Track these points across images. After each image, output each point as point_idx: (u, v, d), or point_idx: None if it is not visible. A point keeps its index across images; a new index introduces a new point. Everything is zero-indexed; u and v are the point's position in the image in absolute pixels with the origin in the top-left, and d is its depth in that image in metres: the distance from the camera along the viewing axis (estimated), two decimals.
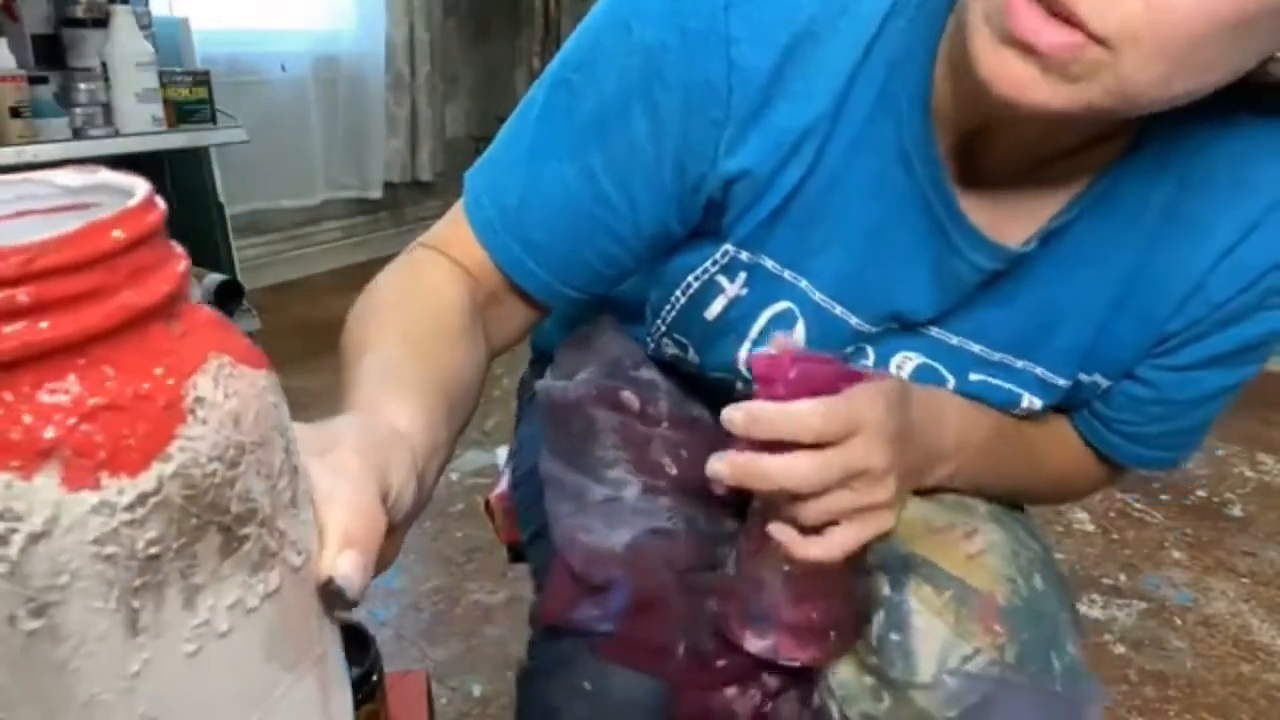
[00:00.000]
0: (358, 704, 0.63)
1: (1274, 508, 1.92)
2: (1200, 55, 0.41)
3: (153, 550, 0.23)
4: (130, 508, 0.22)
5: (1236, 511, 1.91)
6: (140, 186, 0.25)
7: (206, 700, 0.25)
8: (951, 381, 0.62)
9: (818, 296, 0.60)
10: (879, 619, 0.56)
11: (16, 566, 0.21)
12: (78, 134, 1.88)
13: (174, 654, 0.24)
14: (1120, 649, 1.50)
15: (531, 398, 0.84)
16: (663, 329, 0.66)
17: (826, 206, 0.57)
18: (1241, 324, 0.57)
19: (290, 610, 0.27)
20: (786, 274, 0.59)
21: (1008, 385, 0.62)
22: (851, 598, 0.57)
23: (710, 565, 0.61)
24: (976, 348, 0.61)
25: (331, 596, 0.29)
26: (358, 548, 0.30)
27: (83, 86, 1.89)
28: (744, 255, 0.59)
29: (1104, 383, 0.62)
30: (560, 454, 0.65)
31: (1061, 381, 0.61)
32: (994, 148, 0.54)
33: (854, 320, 0.60)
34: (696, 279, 0.61)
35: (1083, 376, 0.62)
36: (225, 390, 0.25)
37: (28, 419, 0.21)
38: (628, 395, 0.67)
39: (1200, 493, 1.97)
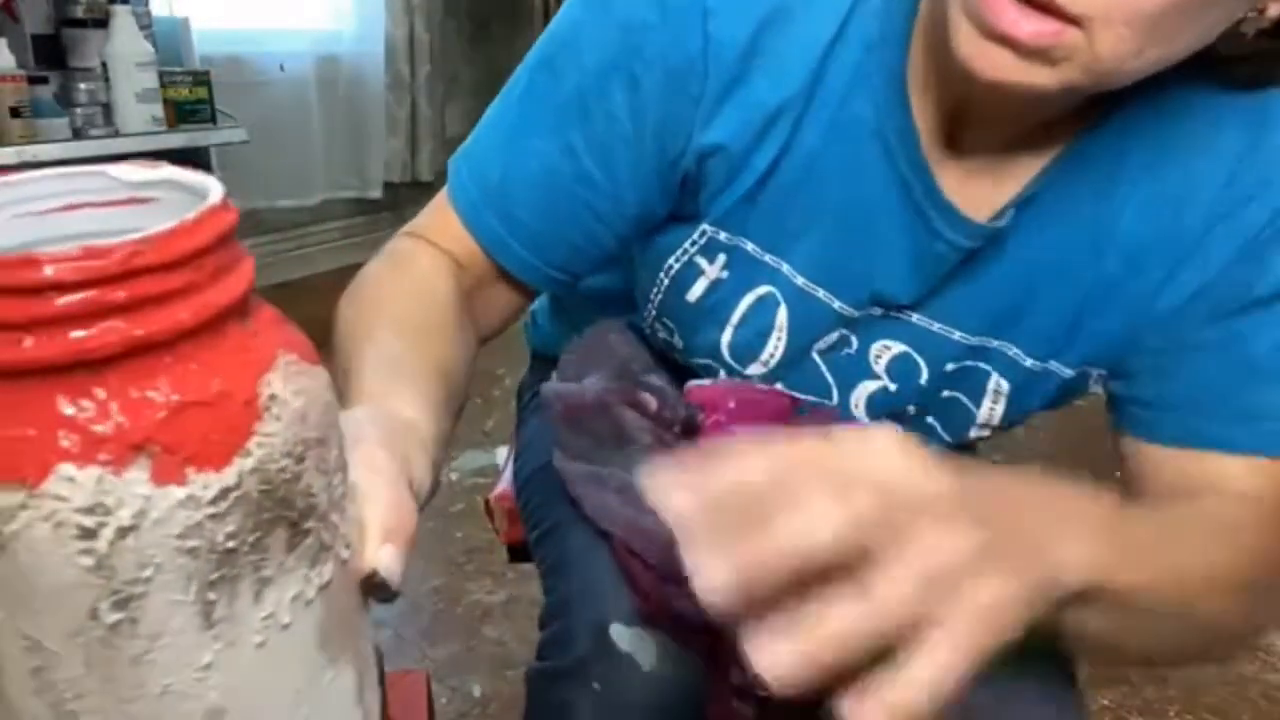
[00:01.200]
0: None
1: None
2: (1168, 23, 0.43)
3: (230, 544, 0.23)
4: (214, 501, 0.23)
5: None
6: (213, 184, 0.25)
7: (268, 691, 0.26)
8: (925, 374, 0.62)
9: (799, 281, 0.60)
10: None
11: (104, 559, 0.22)
12: (78, 134, 1.88)
13: (244, 645, 0.25)
14: None
15: (533, 400, 0.84)
16: (653, 313, 0.66)
17: (804, 189, 0.57)
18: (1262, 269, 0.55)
19: (337, 602, 0.28)
20: (767, 258, 0.60)
21: (982, 366, 0.62)
22: None
23: None
24: (956, 334, 0.61)
25: (374, 588, 0.30)
26: (396, 541, 0.31)
27: (83, 86, 1.89)
28: (722, 236, 0.60)
29: (1066, 370, 0.61)
30: (583, 455, 0.65)
31: (1029, 363, 0.61)
32: (971, 126, 0.55)
33: (836, 304, 0.60)
34: (677, 260, 0.62)
35: (1053, 365, 0.60)
36: (294, 387, 0.25)
37: (120, 416, 0.22)
38: (645, 397, 0.67)
39: None
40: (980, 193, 0.57)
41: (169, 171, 0.27)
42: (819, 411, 0.63)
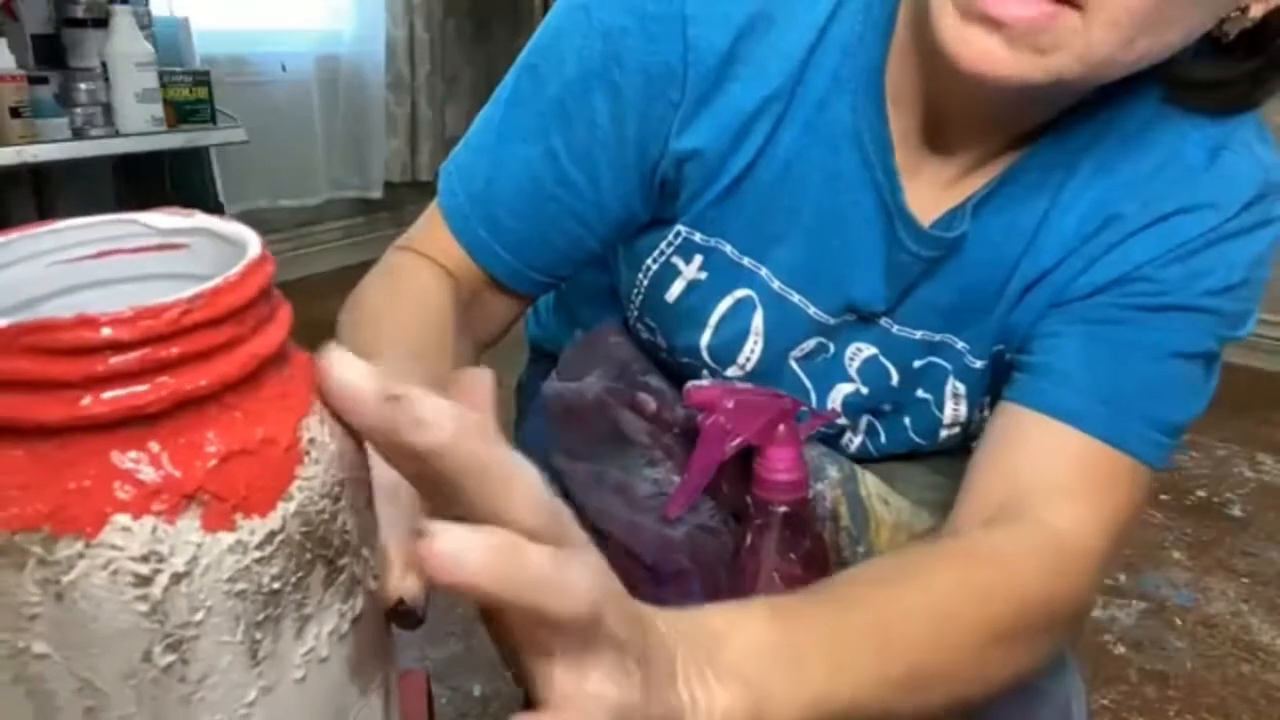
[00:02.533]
0: None
1: (1274, 508, 1.92)
2: (1161, 12, 0.43)
3: (275, 585, 0.24)
4: (260, 545, 0.24)
5: (1236, 511, 1.90)
6: (249, 235, 0.26)
7: (309, 715, 0.27)
8: (895, 376, 0.63)
9: (776, 285, 0.60)
10: None
11: (158, 605, 0.23)
12: (78, 134, 1.88)
13: (285, 681, 0.26)
14: (1120, 649, 1.50)
15: (532, 397, 0.84)
16: (634, 313, 0.67)
17: (781, 191, 0.57)
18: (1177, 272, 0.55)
19: (367, 633, 0.29)
20: (746, 261, 0.60)
21: (942, 364, 0.63)
22: None
23: None
24: (918, 334, 0.62)
25: (400, 616, 0.30)
26: (418, 569, 0.31)
27: (83, 86, 1.89)
28: (697, 237, 0.60)
29: (1011, 353, 0.61)
30: (581, 455, 0.65)
31: (979, 364, 0.62)
32: (947, 133, 0.55)
33: (811, 309, 0.61)
34: (655, 261, 0.62)
35: (997, 351, 0.62)
36: (330, 429, 0.26)
37: (172, 467, 0.23)
38: (644, 398, 0.67)
39: (1200, 493, 1.96)
40: (942, 199, 0.57)
41: (201, 220, 0.27)
42: (819, 415, 0.63)
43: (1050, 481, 0.52)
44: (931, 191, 0.57)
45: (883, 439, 0.68)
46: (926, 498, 0.64)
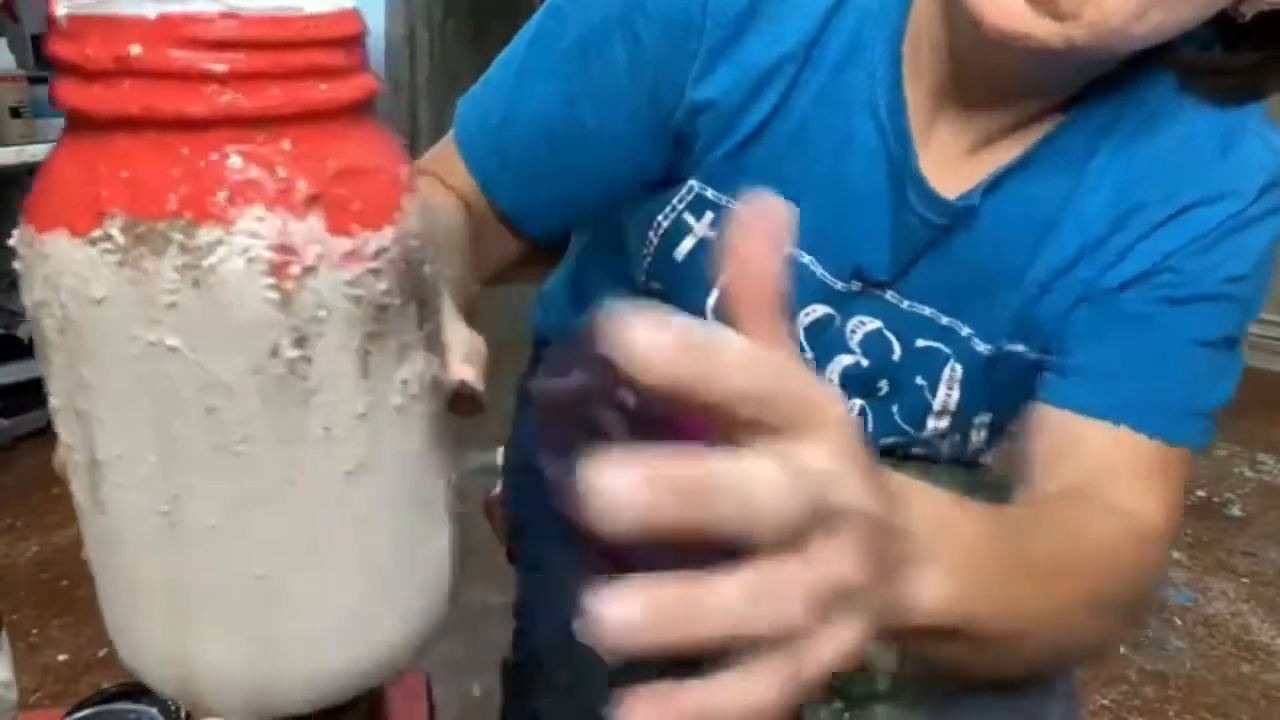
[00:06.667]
0: (357, 705, 0.63)
1: (1274, 508, 1.92)
2: None
3: (384, 300, 0.27)
4: (374, 256, 0.26)
5: (1236, 511, 1.91)
6: (335, 3, 0.28)
7: (400, 455, 0.29)
8: (898, 350, 0.63)
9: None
10: None
11: (290, 296, 0.24)
12: None
13: (387, 404, 0.28)
14: (1120, 649, 1.50)
15: (527, 395, 0.84)
16: (644, 277, 0.67)
17: (794, 154, 0.58)
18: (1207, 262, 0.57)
19: (439, 404, 0.31)
20: None
21: (946, 349, 0.63)
22: None
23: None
24: (926, 310, 0.62)
25: (461, 402, 0.33)
26: (474, 361, 0.34)
27: None
28: (709, 193, 0.61)
29: (1029, 353, 0.61)
30: (561, 450, 0.66)
31: (983, 348, 0.62)
32: (963, 100, 0.56)
33: (819, 271, 0.61)
34: (665, 217, 0.63)
35: (1006, 348, 0.62)
36: (415, 180, 0.29)
37: (299, 169, 0.25)
38: (625, 394, 0.67)
39: (1200, 493, 1.97)
40: (958, 172, 0.58)
41: None
42: None
43: (1110, 479, 0.55)
44: (946, 161, 0.58)
45: (869, 426, 0.68)
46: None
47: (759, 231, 0.26)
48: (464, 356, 0.33)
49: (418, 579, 0.32)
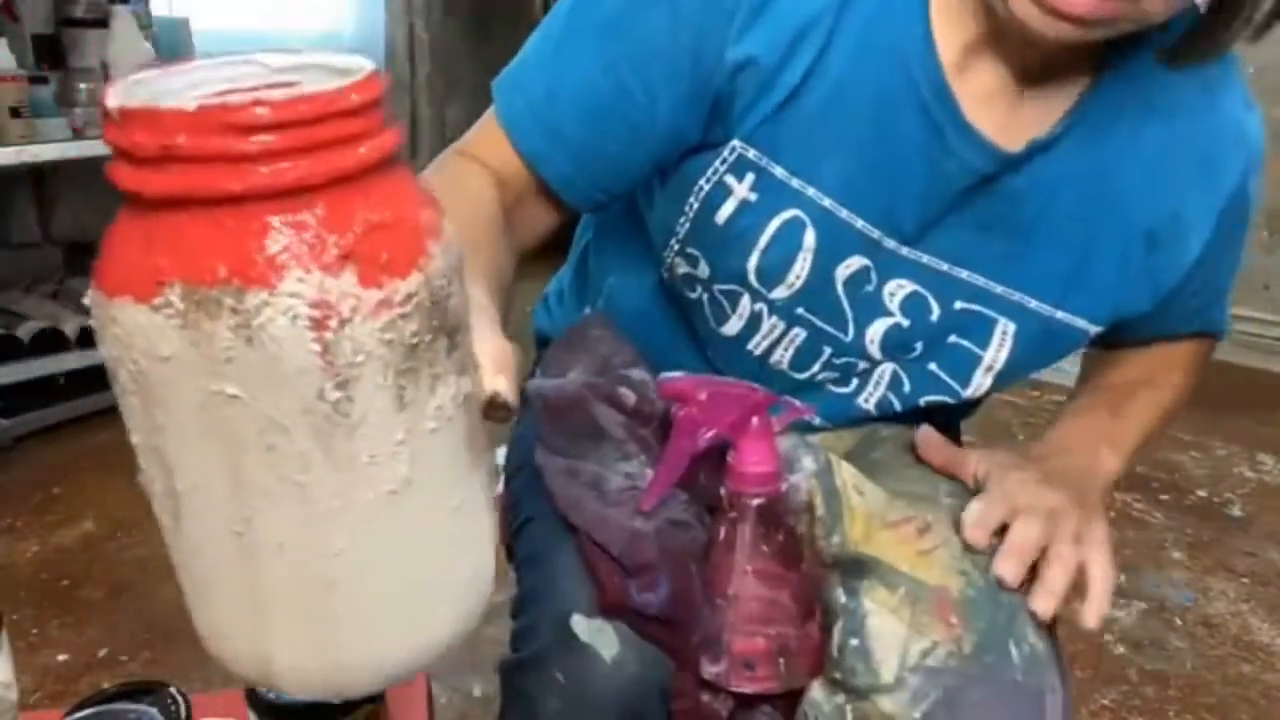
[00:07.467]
0: (357, 705, 0.63)
1: (1274, 508, 1.92)
2: None
3: (414, 340, 0.29)
4: (402, 303, 0.29)
5: (1236, 511, 1.91)
6: (361, 60, 0.31)
7: (440, 470, 0.32)
8: (937, 311, 0.66)
9: (826, 202, 0.63)
10: (838, 628, 0.57)
11: (329, 346, 0.28)
12: (78, 134, 1.88)
13: (423, 428, 0.31)
14: (1120, 649, 1.50)
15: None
16: (676, 246, 0.68)
17: (831, 114, 0.60)
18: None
19: (474, 415, 0.34)
20: (794, 182, 0.62)
21: (989, 312, 0.66)
22: (808, 624, 0.57)
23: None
24: (964, 273, 0.65)
25: (494, 409, 0.35)
26: (506, 372, 0.36)
27: (83, 86, 1.89)
28: (751, 154, 0.62)
29: (1091, 328, 0.67)
30: (561, 450, 0.66)
31: (1033, 304, 0.65)
32: (986, 60, 0.59)
33: (859, 223, 0.63)
34: (707, 180, 0.64)
35: (1060, 315, 0.66)
36: (442, 220, 0.32)
37: (332, 233, 0.28)
38: (624, 392, 0.67)
39: (1200, 493, 1.97)
40: (996, 122, 0.61)
41: (310, 56, 0.32)
42: (792, 408, 0.63)
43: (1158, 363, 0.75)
44: (981, 110, 0.60)
45: (906, 388, 0.69)
46: (904, 489, 0.64)
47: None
48: (495, 368, 0.35)
49: (463, 570, 0.35)
